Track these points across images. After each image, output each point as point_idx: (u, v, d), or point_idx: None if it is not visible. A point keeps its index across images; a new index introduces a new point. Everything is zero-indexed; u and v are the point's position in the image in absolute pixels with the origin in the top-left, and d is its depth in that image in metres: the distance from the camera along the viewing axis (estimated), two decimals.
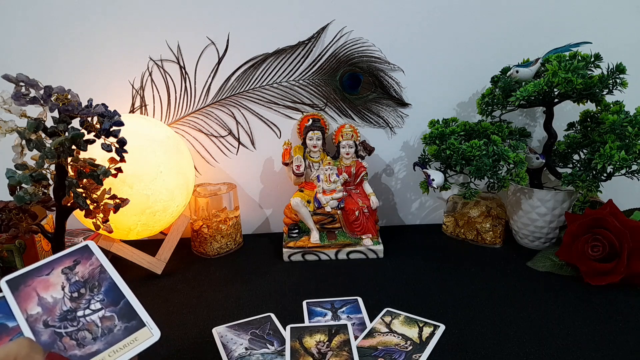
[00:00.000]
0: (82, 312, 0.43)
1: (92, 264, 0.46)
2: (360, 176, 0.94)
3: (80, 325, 0.42)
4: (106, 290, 0.45)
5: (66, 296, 0.43)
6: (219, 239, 0.91)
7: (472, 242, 0.95)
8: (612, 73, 0.77)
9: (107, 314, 0.43)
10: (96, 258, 0.46)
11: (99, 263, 0.46)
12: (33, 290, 0.44)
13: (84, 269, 0.45)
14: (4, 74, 0.56)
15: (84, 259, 0.46)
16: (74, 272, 0.45)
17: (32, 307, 0.42)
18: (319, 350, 0.60)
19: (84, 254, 0.47)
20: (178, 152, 0.83)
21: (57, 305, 0.43)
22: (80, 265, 0.46)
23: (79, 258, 0.46)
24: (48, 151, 0.56)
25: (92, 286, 0.44)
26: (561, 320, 0.66)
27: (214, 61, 0.92)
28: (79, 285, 0.44)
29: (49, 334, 0.41)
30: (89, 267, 0.45)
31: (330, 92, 0.96)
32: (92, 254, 0.46)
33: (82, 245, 0.47)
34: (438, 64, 0.95)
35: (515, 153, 0.78)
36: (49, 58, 0.90)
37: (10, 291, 0.44)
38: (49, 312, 0.42)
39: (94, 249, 0.47)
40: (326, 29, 0.92)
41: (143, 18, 0.89)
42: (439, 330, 0.64)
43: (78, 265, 0.46)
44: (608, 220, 0.74)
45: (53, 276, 0.45)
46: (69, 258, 0.46)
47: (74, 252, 0.46)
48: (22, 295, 0.43)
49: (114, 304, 0.44)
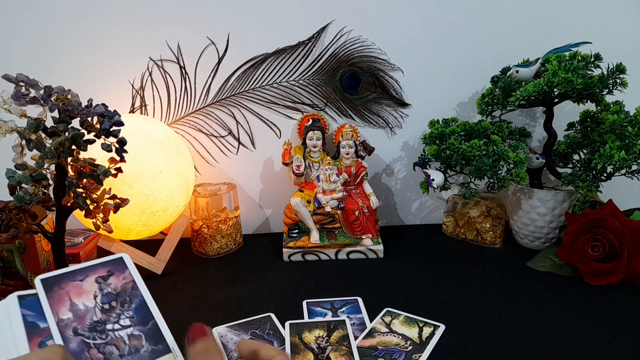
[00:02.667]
0: (111, 326, 0.41)
1: (126, 279, 0.45)
2: (360, 176, 0.94)
3: (108, 339, 0.41)
4: (136, 307, 0.43)
5: (97, 306, 0.42)
6: (219, 239, 0.91)
7: (472, 242, 0.95)
8: (612, 73, 0.77)
9: (136, 333, 0.42)
10: (130, 273, 0.45)
11: (131, 278, 0.45)
12: (66, 294, 0.43)
13: (117, 281, 0.44)
14: (4, 74, 0.56)
15: (118, 272, 0.45)
16: (107, 282, 0.44)
17: (63, 312, 0.41)
18: (319, 345, 0.60)
19: (119, 266, 0.46)
20: (178, 152, 0.83)
21: (88, 314, 0.42)
22: (114, 277, 0.45)
23: (113, 269, 0.45)
24: (48, 151, 0.56)
25: (123, 301, 0.43)
26: (561, 320, 0.66)
27: (214, 61, 0.92)
28: (110, 297, 0.43)
29: (78, 342, 0.40)
30: (122, 281, 0.44)
31: (330, 92, 0.96)
32: (126, 268, 0.45)
33: (117, 257, 0.46)
34: (438, 64, 0.95)
35: (515, 153, 0.78)
36: (49, 58, 0.90)
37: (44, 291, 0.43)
38: (80, 320, 0.41)
39: (128, 263, 0.46)
40: (326, 29, 0.92)
41: (143, 18, 0.89)
42: (439, 330, 0.64)
43: (112, 276, 0.45)
44: (608, 220, 0.74)
45: (86, 283, 0.44)
46: (104, 268, 0.45)
47: (109, 262, 0.45)
48: (55, 297, 0.42)
49: (142, 324, 0.43)
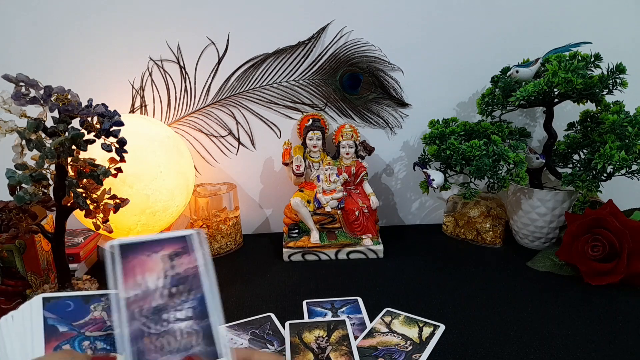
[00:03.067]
0: (171, 315, 0.39)
1: (192, 262, 0.41)
2: (360, 176, 0.94)
3: (164, 330, 0.38)
4: (197, 299, 0.40)
5: (162, 289, 0.39)
6: (219, 239, 0.91)
7: (472, 242, 0.95)
8: (612, 73, 0.77)
9: (193, 329, 0.39)
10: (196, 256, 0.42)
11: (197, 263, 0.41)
12: (136, 267, 0.40)
13: (184, 262, 0.41)
14: (4, 74, 0.56)
15: (186, 252, 0.42)
16: (175, 262, 0.41)
17: (129, 288, 0.39)
18: (319, 345, 0.60)
19: (187, 244, 0.42)
20: (178, 152, 0.83)
21: (152, 296, 0.39)
22: (183, 258, 0.41)
23: (182, 247, 0.42)
24: (48, 151, 0.56)
25: (188, 289, 0.40)
26: (561, 320, 0.66)
27: (214, 61, 0.92)
28: (174, 281, 0.40)
29: (136, 327, 0.37)
30: (188, 264, 0.41)
31: (330, 92, 0.96)
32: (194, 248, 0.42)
33: (192, 233, 0.42)
34: (438, 64, 0.95)
35: (515, 153, 0.78)
36: (49, 58, 0.90)
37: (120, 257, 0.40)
38: (143, 301, 0.39)
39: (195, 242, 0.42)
40: (326, 29, 0.92)
41: (143, 18, 0.89)
42: (439, 330, 0.64)
43: (183, 255, 0.41)
44: (608, 220, 0.74)
45: (157, 259, 0.41)
46: (177, 243, 0.42)
47: (179, 237, 0.42)
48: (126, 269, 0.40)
49: (200, 319, 0.39)
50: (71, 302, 0.46)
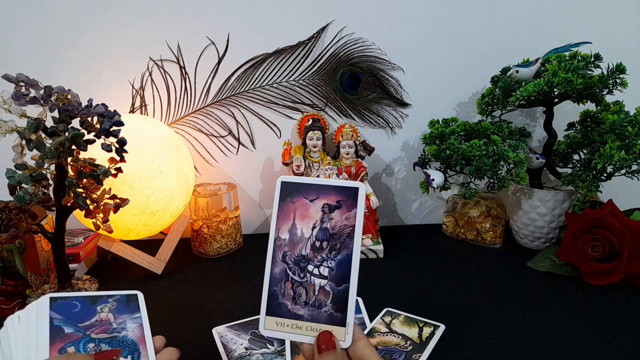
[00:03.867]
0: (312, 268, 0.39)
1: (349, 219, 0.40)
2: (360, 176, 0.94)
3: (304, 280, 0.39)
4: (340, 261, 0.40)
5: (311, 240, 0.40)
6: (219, 239, 0.91)
7: (472, 242, 0.95)
8: (612, 73, 0.77)
9: (327, 288, 0.39)
10: (356, 213, 0.40)
11: (354, 222, 0.40)
12: (293, 211, 0.41)
13: (340, 218, 0.40)
14: (4, 74, 0.56)
15: (347, 206, 0.41)
16: (330, 215, 0.41)
17: (283, 230, 0.40)
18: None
19: (350, 198, 0.41)
20: (178, 152, 0.83)
21: (300, 244, 0.40)
22: (340, 211, 0.41)
23: (344, 200, 0.41)
24: (48, 151, 0.56)
25: (334, 246, 0.40)
26: (561, 320, 0.66)
27: (214, 61, 0.92)
28: (325, 235, 0.40)
29: (281, 269, 0.39)
30: (344, 221, 0.40)
31: (330, 92, 0.96)
32: (356, 205, 0.41)
33: (354, 186, 0.41)
34: (438, 64, 0.95)
35: (515, 153, 0.78)
36: (49, 58, 0.90)
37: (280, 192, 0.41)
38: (292, 247, 0.40)
39: (360, 197, 0.41)
40: (326, 29, 0.92)
41: (143, 18, 0.89)
42: (439, 330, 0.64)
43: (339, 209, 0.41)
44: (608, 220, 0.74)
45: (314, 207, 0.41)
46: (336, 194, 0.41)
47: (345, 188, 0.41)
48: (284, 210, 0.41)
49: (337, 282, 0.39)
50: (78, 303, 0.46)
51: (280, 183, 0.42)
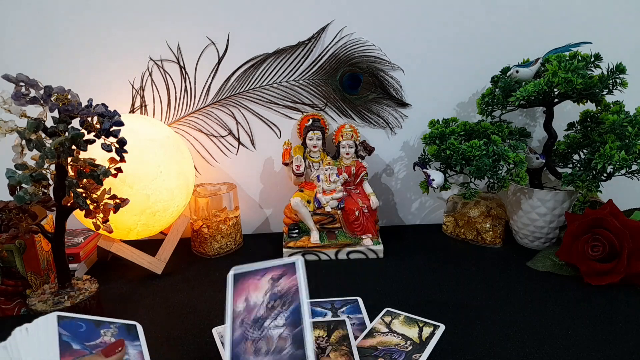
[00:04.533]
0: (268, 323, 0.46)
1: (293, 281, 0.48)
2: (360, 176, 0.94)
3: (262, 334, 0.45)
4: (293, 311, 0.47)
5: (264, 303, 0.47)
6: (219, 239, 0.91)
7: (472, 242, 0.95)
8: (612, 73, 0.77)
9: (284, 335, 0.45)
10: (297, 277, 0.49)
11: (295, 284, 0.48)
12: (246, 288, 0.49)
13: (286, 283, 0.48)
14: (4, 74, 0.56)
15: (289, 274, 0.49)
16: (277, 282, 0.48)
17: (239, 304, 0.47)
18: (319, 346, 0.60)
19: (291, 269, 0.50)
20: (178, 152, 0.83)
21: (255, 309, 0.47)
22: (284, 279, 0.49)
23: (286, 271, 0.50)
24: (48, 151, 0.56)
25: (285, 302, 0.47)
26: (561, 320, 0.66)
27: (214, 61, 0.92)
28: (275, 297, 0.47)
29: (241, 332, 0.45)
30: (289, 283, 0.48)
31: (330, 92, 0.96)
32: (294, 274, 0.49)
33: (293, 261, 0.51)
34: (438, 64, 0.95)
35: (515, 153, 0.78)
36: (49, 58, 0.90)
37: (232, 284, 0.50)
38: (248, 314, 0.47)
39: (299, 268, 0.49)
40: (326, 29, 0.92)
41: (143, 18, 0.89)
42: (439, 330, 0.64)
43: (283, 278, 0.49)
44: (608, 220, 0.74)
45: (263, 281, 0.49)
46: (280, 269, 0.50)
47: (286, 265, 0.50)
48: (238, 290, 0.49)
49: (293, 327, 0.46)
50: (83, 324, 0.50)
51: (232, 277, 0.51)
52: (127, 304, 0.74)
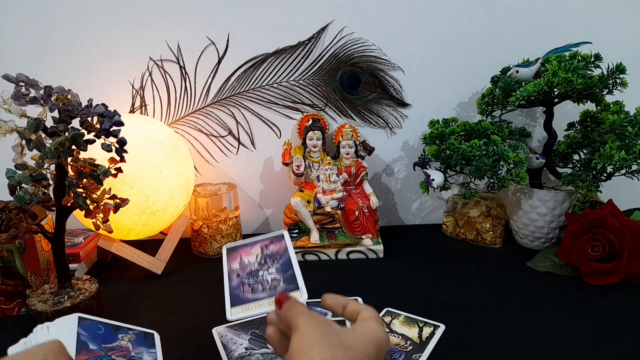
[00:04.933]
0: (262, 273, 0.58)
1: (281, 245, 0.62)
2: (360, 176, 0.94)
3: (257, 280, 0.57)
4: (282, 263, 0.59)
5: (256, 261, 0.60)
6: (219, 239, 0.91)
7: (472, 242, 0.95)
8: (612, 73, 0.77)
9: (277, 277, 0.57)
10: (284, 243, 0.62)
11: (285, 245, 0.62)
12: (239, 254, 0.62)
13: (275, 247, 0.62)
14: (4, 74, 0.56)
15: (277, 241, 0.63)
16: (268, 248, 0.62)
17: (234, 264, 0.61)
18: None
19: (279, 239, 0.64)
20: (178, 152, 0.83)
21: (249, 266, 0.60)
22: (273, 245, 0.63)
23: (274, 240, 0.64)
24: (48, 151, 0.56)
25: (275, 259, 0.60)
26: (561, 320, 0.66)
27: (214, 61, 0.92)
28: (267, 256, 0.61)
29: (238, 282, 0.58)
30: (278, 247, 0.62)
31: (330, 92, 0.96)
32: (283, 239, 0.63)
33: (280, 234, 0.65)
34: (438, 64, 0.95)
35: (515, 153, 0.78)
36: (48, 58, 0.90)
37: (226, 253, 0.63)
38: (243, 269, 0.59)
39: (286, 238, 0.63)
40: (326, 29, 0.92)
41: (143, 18, 0.89)
42: (439, 330, 0.64)
43: (272, 244, 0.63)
44: (608, 220, 0.74)
45: (254, 248, 0.63)
46: (269, 240, 0.64)
47: (273, 237, 0.64)
48: (232, 255, 0.62)
49: (283, 272, 0.58)
50: (102, 327, 0.53)
51: (225, 249, 0.65)
52: (127, 304, 0.74)
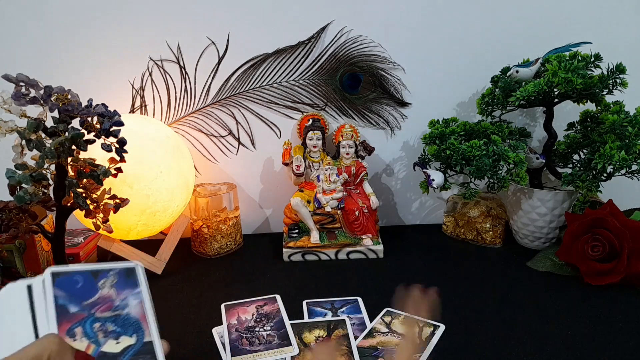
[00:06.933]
0: (258, 329, 0.65)
1: (274, 308, 0.70)
2: (360, 176, 0.94)
3: (254, 335, 0.63)
4: (276, 322, 0.66)
5: (252, 319, 0.67)
6: (219, 239, 0.91)
7: (472, 242, 0.95)
8: (612, 73, 0.77)
9: (272, 334, 0.64)
10: (277, 306, 0.71)
11: (277, 307, 0.70)
12: (237, 312, 0.69)
13: (268, 308, 0.70)
14: (4, 74, 0.56)
15: (270, 304, 0.71)
16: (262, 308, 0.70)
17: (232, 320, 0.67)
18: None
19: (272, 302, 0.72)
20: (178, 152, 0.83)
21: (246, 322, 0.66)
22: (267, 306, 0.71)
23: (268, 302, 0.72)
24: (48, 151, 0.56)
25: (269, 318, 0.67)
26: (561, 320, 0.66)
27: (214, 61, 0.92)
28: (262, 316, 0.68)
29: (237, 335, 0.63)
30: (271, 308, 0.70)
31: (331, 92, 0.96)
32: (276, 303, 0.71)
33: (272, 297, 0.73)
34: (438, 64, 0.95)
35: (515, 153, 0.78)
36: (49, 58, 0.90)
37: (225, 311, 0.70)
38: (241, 325, 0.66)
39: (279, 302, 0.72)
40: (326, 29, 0.92)
41: (143, 18, 0.89)
42: (439, 330, 0.64)
43: (265, 306, 0.71)
44: (608, 220, 0.74)
45: (250, 308, 0.70)
46: (263, 301, 0.72)
47: (267, 299, 0.73)
48: (230, 313, 0.69)
49: (277, 330, 0.65)
50: (79, 278, 0.45)
51: (224, 307, 0.71)
52: None
